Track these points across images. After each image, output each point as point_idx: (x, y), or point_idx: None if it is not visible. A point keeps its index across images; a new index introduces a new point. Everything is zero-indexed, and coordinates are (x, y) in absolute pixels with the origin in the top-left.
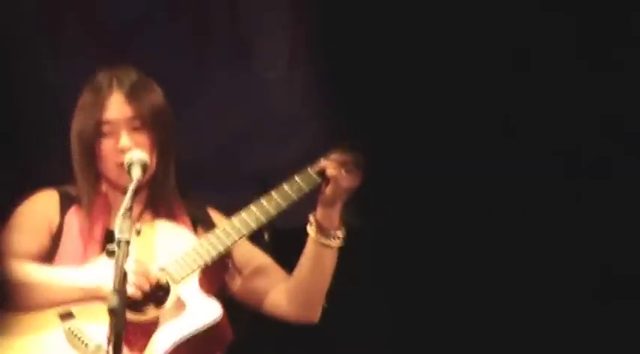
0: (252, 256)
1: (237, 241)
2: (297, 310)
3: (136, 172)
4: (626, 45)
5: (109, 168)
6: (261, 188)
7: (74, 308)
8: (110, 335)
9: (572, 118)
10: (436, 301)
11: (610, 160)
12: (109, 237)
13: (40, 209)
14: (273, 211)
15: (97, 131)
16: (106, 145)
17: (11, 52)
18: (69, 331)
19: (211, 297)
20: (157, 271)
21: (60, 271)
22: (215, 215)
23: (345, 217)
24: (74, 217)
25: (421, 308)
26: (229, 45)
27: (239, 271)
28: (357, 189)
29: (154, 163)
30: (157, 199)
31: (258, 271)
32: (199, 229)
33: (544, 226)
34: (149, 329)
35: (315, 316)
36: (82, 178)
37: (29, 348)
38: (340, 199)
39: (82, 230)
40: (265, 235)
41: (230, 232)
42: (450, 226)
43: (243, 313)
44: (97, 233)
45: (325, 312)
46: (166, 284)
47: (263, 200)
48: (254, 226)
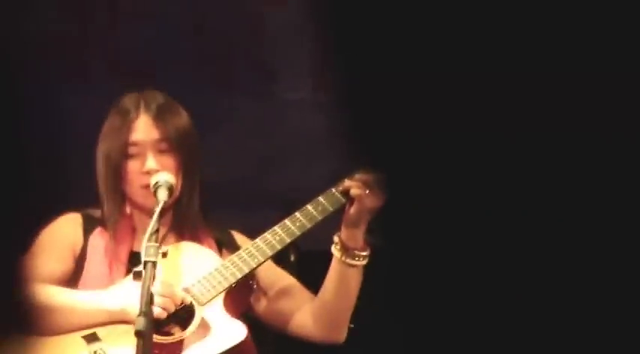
0: (278, 277)
1: (262, 263)
2: (323, 331)
3: (162, 195)
4: None
5: (134, 190)
6: (286, 210)
7: (99, 331)
8: None
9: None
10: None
11: None
12: (133, 259)
13: (64, 232)
14: (297, 232)
15: (123, 153)
16: (132, 167)
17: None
18: (94, 353)
19: (236, 318)
20: (181, 292)
21: (84, 293)
22: (239, 237)
23: (369, 237)
24: (98, 239)
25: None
26: (253, 68)
27: (264, 293)
28: (381, 210)
29: (179, 185)
30: (181, 222)
31: (283, 293)
32: (224, 252)
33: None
34: (174, 351)
35: (341, 336)
36: (107, 199)
37: None
38: (364, 220)
39: (107, 252)
40: (291, 257)
41: (255, 253)
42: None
43: (268, 334)
44: (122, 255)
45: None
46: (191, 306)
47: (287, 221)
48: (279, 247)
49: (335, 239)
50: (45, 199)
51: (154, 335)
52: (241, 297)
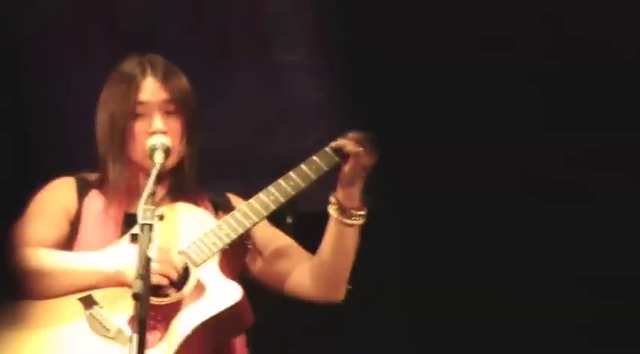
0: (273, 237)
1: (257, 223)
2: (322, 290)
3: (159, 157)
4: None
5: (138, 150)
6: (283, 175)
7: (95, 293)
8: (134, 320)
9: None
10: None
11: None
12: (128, 220)
13: (57, 196)
14: (291, 192)
15: (130, 113)
16: (139, 128)
17: (31, 56)
18: (90, 316)
19: (231, 279)
20: (178, 255)
21: (79, 255)
22: (235, 199)
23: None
24: (92, 202)
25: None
26: (249, 35)
27: (260, 253)
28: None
29: (183, 148)
30: (180, 186)
31: (279, 253)
32: (220, 213)
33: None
34: (170, 313)
35: (340, 295)
36: (113, 161)
37: (51, 333)
38: (360, 178)
39: (102, 215)
40: (288, 218)
41: (249, 213)
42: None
43: (263, 296)
44: (118, 217)
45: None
46: (186, 267)
47: (282, 181)
48: (273, 207)
49: (331, 199)
50: (48, 172)
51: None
52: (237, 258)
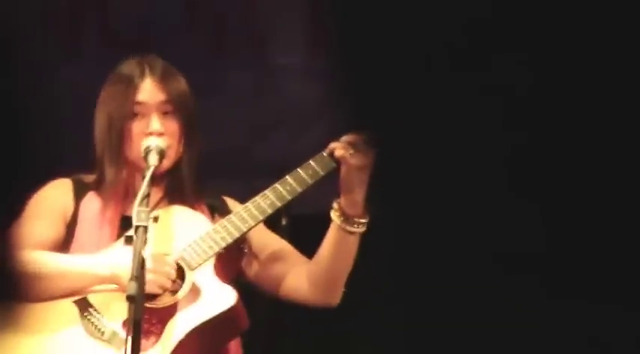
0: (269, 241)
1: (253, 227)
2: (319, 295)
3: (153, 159)
4: None
5: (135, 151)
6: (278, 179)
7: (91, 296)
8: (128, 323)
9: None
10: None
11: None
12: (125, 223)
13: (54, 198)
14: (288, 196)
15: (128, 114)
16: (136, 129)
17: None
18: (85, 319)
19: (227, 283)
20: (172, 261)
21: (75, 258)
22: (232, 203)
23: (369, 205)
24: (89, 204)
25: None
26: (245, 34)
27: (256, 257)
28: (375, 174)
29: (180, 149)
30: (178, 187)
31: (275, 256)
32: (216, 217)
33: None
34: (165, 316)
35: (336, 299)
36: (109, 162)
37: (46, 336)
38: (358, 182)
39: (99, 217)
40: (283, 221)
41: (246, 217)
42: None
43: (259, 300)
44: (114, 219)
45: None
46: (181, 270)
47: (278, 185)
48: (270, 211)
49: (334, 205)
50: (39, 168)
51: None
52: (232, 261)
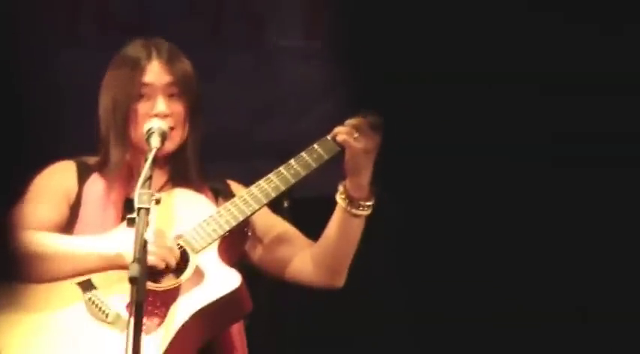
0: (274, 224)
1: (257, 211)
2: (323, 277)
3: (155, 141)
4: None
5: (140, 132)
6: (280, 161)
7: (94, 278)
8: (131, 304)
9: None
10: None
11: None
12: (129, 205)
13: (57, 180)
14: (292, 180)
15: (133, 95)
16: (142, 110)
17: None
18: (89, 300)
19: (230, 266)
20: (176, 240)
21: (79, 239)
22: (235, 186)
23: (374, 187)
24: (93, 186)
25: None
26: (245, 17)
27: (260, 240)
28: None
29: (185, 132)
30: (181, 170)
31: (280, 239)
32: (220, 200)
33: None
34: (168, 298)
35: (341, 281)
36: (114, 144)
37: (49, 317)
38: (363, 165)
39: (103, 199)
40: (285, 203)
41: (249, 201)
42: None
43: (262, 283)
44: (118, 202)
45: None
46: (185, 253)
47: (282, 169)
48: (273, 194)
49: (340, 188)
50: (39, 153)
51: (148, 282)
52: (236, 245)
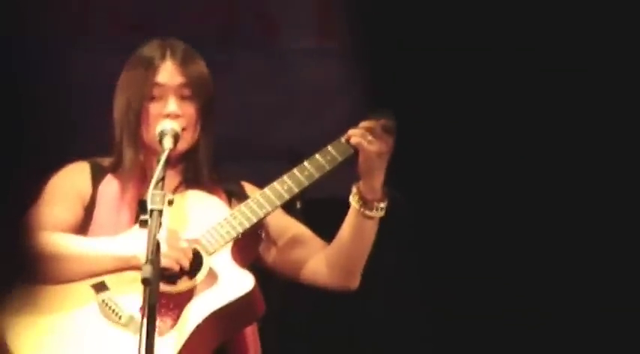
0: (288, 226)
1: (270, 212)
2: (338, 278)
3: (168, 143)
4: None
5: (152, 133)
6: (293, 163)
7: (107, 279)
8: (144, 306)
9: None
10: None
11: None
12: (141, 207)
13: (72, 181)
14: (305, 182)
15: (146, 96)
16: (154, 110)
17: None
18: (102, 302)
19: (244, 269)
20: (190, 242)
21: (93, 240)
22: (249, 188)
23: (388, 189)
24: (107, 187)
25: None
26: (257, 18)
27: (274, 242)
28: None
29: (197, 134)
30: (194, 172)
31: (294, 241)
32: (234, 202)
33: None
34: (182, 301)
35: (355, 283)
36: (127, 145)
37: (63, 319)
38: (376, 167)
39: (117, 200)
40: (297, 204)
41: (263, 203)
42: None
43: (276, 285)
44: (132, 203)
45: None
46: (199, 255)
47: (296, 171)
48: (287, 196)
49: (353, 189)
50: (48, 151)
51: (161, 285)
52: (249, 247)
